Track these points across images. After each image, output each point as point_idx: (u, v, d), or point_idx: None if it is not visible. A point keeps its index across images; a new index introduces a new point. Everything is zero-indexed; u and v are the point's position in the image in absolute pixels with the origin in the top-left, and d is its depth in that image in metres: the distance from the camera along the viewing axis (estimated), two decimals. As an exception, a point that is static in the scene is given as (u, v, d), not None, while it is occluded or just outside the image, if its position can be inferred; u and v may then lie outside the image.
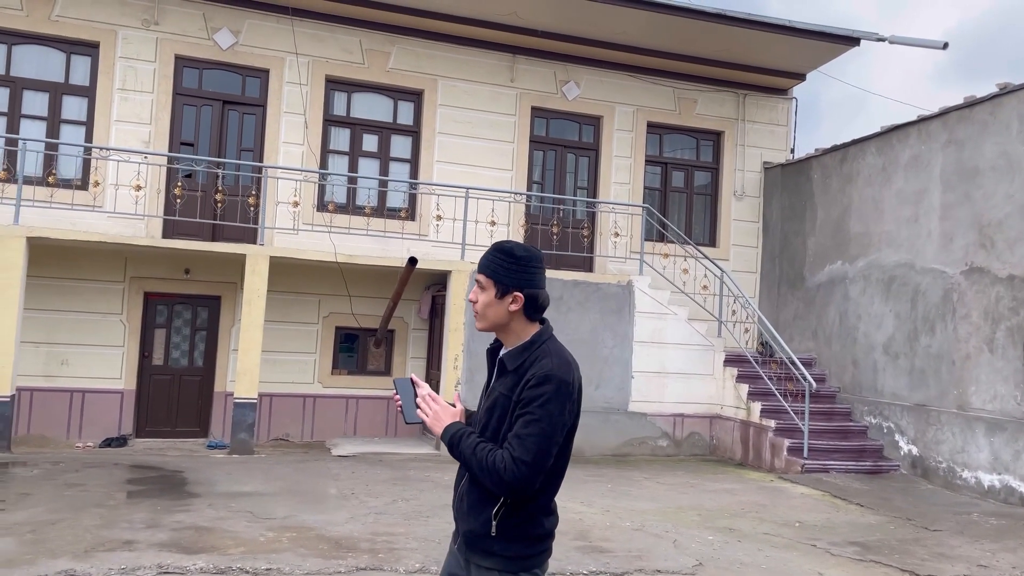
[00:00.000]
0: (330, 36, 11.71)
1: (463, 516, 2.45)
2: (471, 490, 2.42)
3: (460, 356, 10.89)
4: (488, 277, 2.44)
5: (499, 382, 2.45)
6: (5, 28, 10.49)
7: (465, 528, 2.43)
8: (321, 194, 11.68)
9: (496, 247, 2.47)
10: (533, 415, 2.29)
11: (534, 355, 2.40)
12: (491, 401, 2.44)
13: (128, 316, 10.83)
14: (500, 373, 2.46)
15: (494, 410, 2.41)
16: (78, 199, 10.38)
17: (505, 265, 2.42)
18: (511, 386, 2.38)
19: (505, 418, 2.36)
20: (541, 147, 13.07)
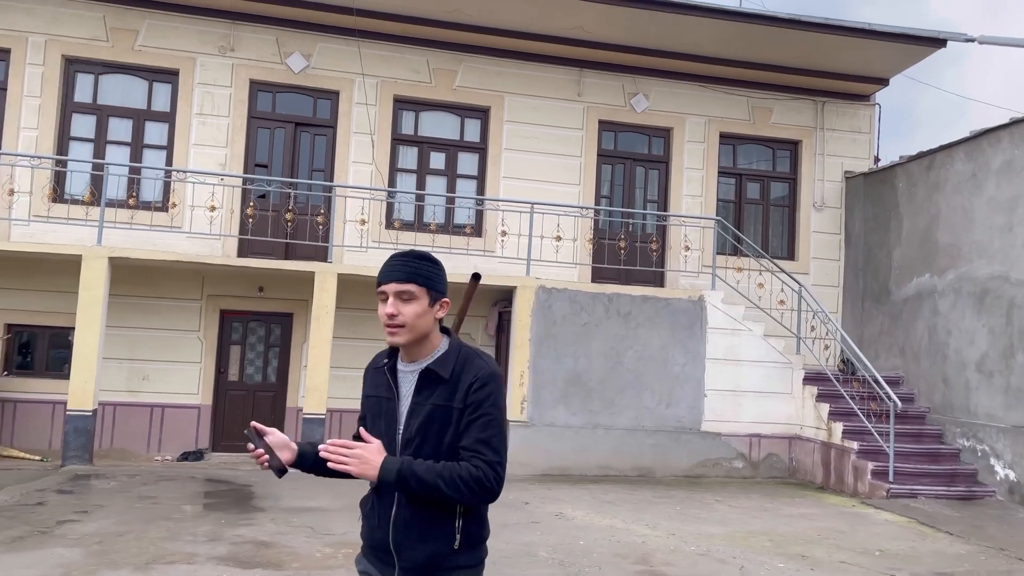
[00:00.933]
0: (398, 57, 11.88)
1: (415, 544, 2.30)
2: (419, 514, 2.29)
3: (526, 373, 10.76)
4: (420, 286, 2.32)
5: (427, 394, 2.33)
6: (93, 59, 11.04)
7: (424, 554, 2.30)
8: (389, 212, 11.80)
9: (416, 255, 2.37)
10: (490, 415, 2.28)
11: (462, 359, 2.35)
12: (424, 415, 2.31)
13: (205, 333, 11.16)
14: (427, 385, 2.34)
15: (431, 423, 2.30)
16: (157, 220, 10.80)
17: (436, 272, 2.37)
18: (448, 395, 2.30)
19: (447, 428, 2.29)
20: (609, 161, 12.88)
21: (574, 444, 10.91)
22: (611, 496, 9.32)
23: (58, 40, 10.89)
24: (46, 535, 6.51)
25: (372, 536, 2.39)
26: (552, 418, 10.89)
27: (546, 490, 9.53)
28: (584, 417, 10.97)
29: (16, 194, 10.41)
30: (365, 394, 2.47)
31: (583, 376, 11.01)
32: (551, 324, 10.95)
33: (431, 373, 2.35)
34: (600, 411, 11.04)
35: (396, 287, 2.32)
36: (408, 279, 2.32)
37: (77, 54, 10.98)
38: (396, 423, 2.36)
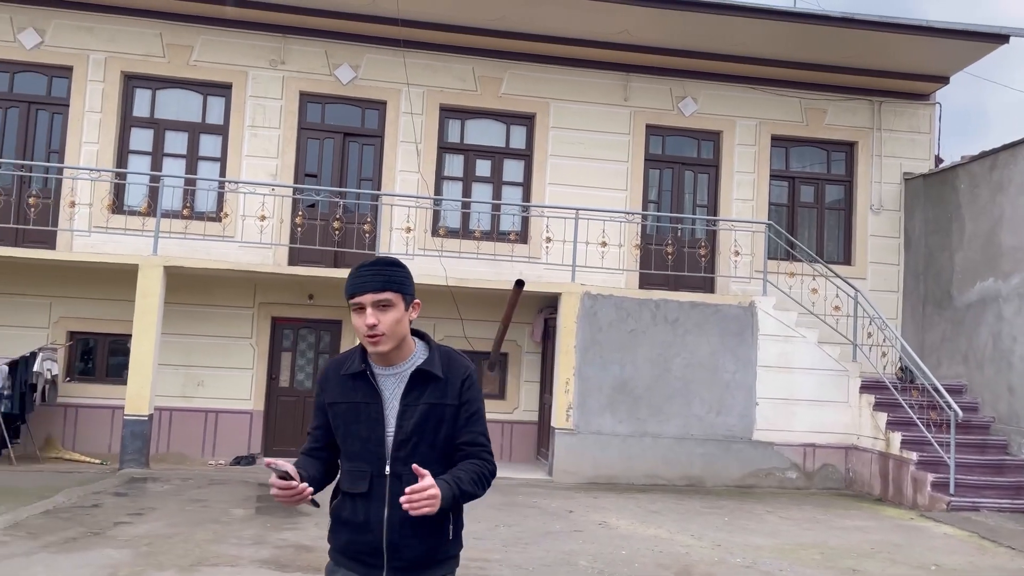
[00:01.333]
0: (443, 66, 11.96)
1: (412, 542, 2.32)
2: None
3: (571, 380, 10.69)
4: (395, 292, 2.32)
5: (418, 394, 2.35)
6: (150, 74, 11.41)
7: (422, 550, 2.33)
8: (435, 219, 11.87)
9: (385, 262, 2.37)
10: (480, 410, 2.42)
11: (446, 358, 2.42)
12: (419, 415, 2.34)
13: (257, 340, 11.39)
14: (417, 385, 2.35)
15: (426, 422, 2.34)
16: (211, 230, 11.07)
17: (406, 276, 2.38)
18: (441, 393, 2.36)
19: (442, 425, 2.35)
20: (657, 165, 12.74)
21: (621, 452, 10.78)
22: (657, 505, 9.17)
23: (117, 57, 11.29)
24: (98, 536, 6.70)
25: (357, 540, 2.36)
26: (598, 426, 10.78)
27: (591, 499, 9.43)
28: (631, 425, 10.83)
29: (77, 206, 10.82)
30: (329, 401, 2.42)
31: (630, 383, 10.88)
32: (597, 331, 10.85)
33: (424, 373, 2.36)
34: (648, 419, 10.89)
35: (373, 297, 2.30)
36: (384, 287, 2.31)
37: (135, 70, 11.36)
38: (383, 425, 2.35)
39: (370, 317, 2.29)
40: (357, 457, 2.36)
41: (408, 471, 2.27)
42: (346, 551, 2.40)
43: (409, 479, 2.24)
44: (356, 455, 2.36)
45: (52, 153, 11.22)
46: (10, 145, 11.12)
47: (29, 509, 7.49)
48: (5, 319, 10.81)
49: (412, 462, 2.27)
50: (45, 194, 10.98)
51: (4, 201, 10.76)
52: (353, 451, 2.37)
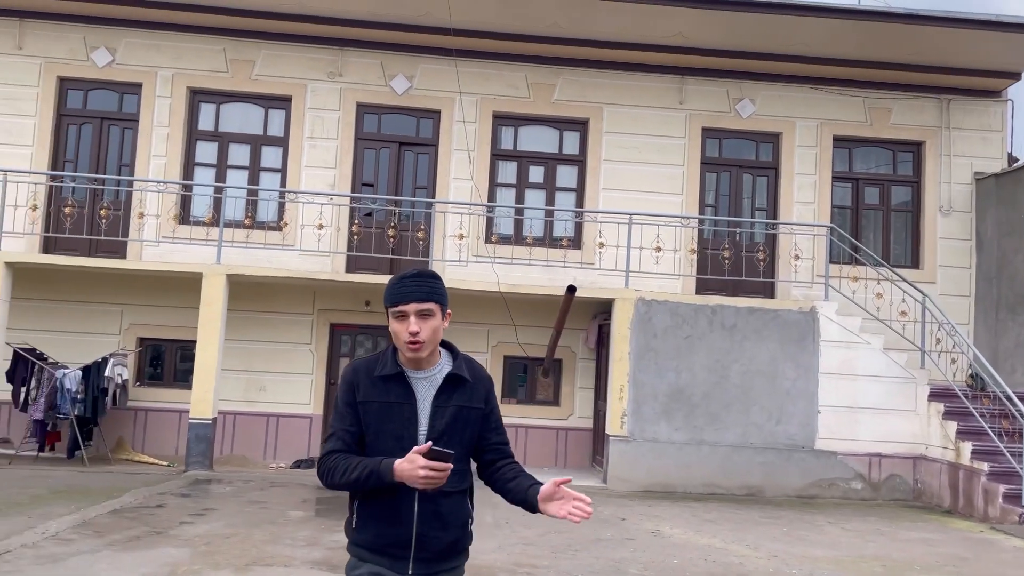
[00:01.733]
0: (496, 74, 12.05)
1: (439, 533, 2.44)
2: (443, 504, 2.44)
3: (626, 387, 10.59)
4: (436, 303, 2.45)
5: (447, 397, 2.49)
6: (214, 89, 11.81)
7: (447, 541, 2.47)
8: (488, 226, 11.94)
9: (428, 275, 2.48)
10: (500, 415, 2.65)
11: (470, 364, 2.58)
12: (450, 415, 2.48)
13: (316, 346, 11.63)
14: (448, 388, 2.49)
15: (456, 422, 2.48)
16: (271, 239, 11.38)
17: (444, 289, 2.51)
18: (468, 397, 2.51)
19: (469, 426, 2.51)
20: (714, 169, 12.56)
21: (677, 460, 10.62)
22: (713, 515, 9.00)
23: (184, 73, 11.71)
24: (160, 535, 6.93)
25: (388, 534, 2.43)
26: (654, 433, 10.65)
27: (646, 507, 9.32)
28: (688, 433, 10.67)
29: (146, 217, 11.25)
30: (360, 400, 2.48)
31: (686, 390, 10.72)
32: (651, 337, 10.74)
33: (455, 378, 2.51)
34: (705, 427, 10.71)
35: (417, 306, 2.42)
36: (427, 298, 2.43)
37: (200, 85, 11.76)
38: (415, 424, 2.47)
39: (413, 325, 2.41)
40: (389, 453, 2.39)
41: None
42: (374, 545, 2.45)
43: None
44: (388, 452, 2.40)
45: (123, 166, 11.70)
46: (84, 159, 11.64)
47: (97, 508, 7.80)
48: (79, 326, 11.30)
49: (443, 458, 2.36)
50: (116, 206, 11.45)
51: (78, 213, 11.26)
52: (385, 448, 2.42)
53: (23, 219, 11.10)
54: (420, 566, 2.43)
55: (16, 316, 10.78)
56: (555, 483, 2.41)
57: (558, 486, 2.40)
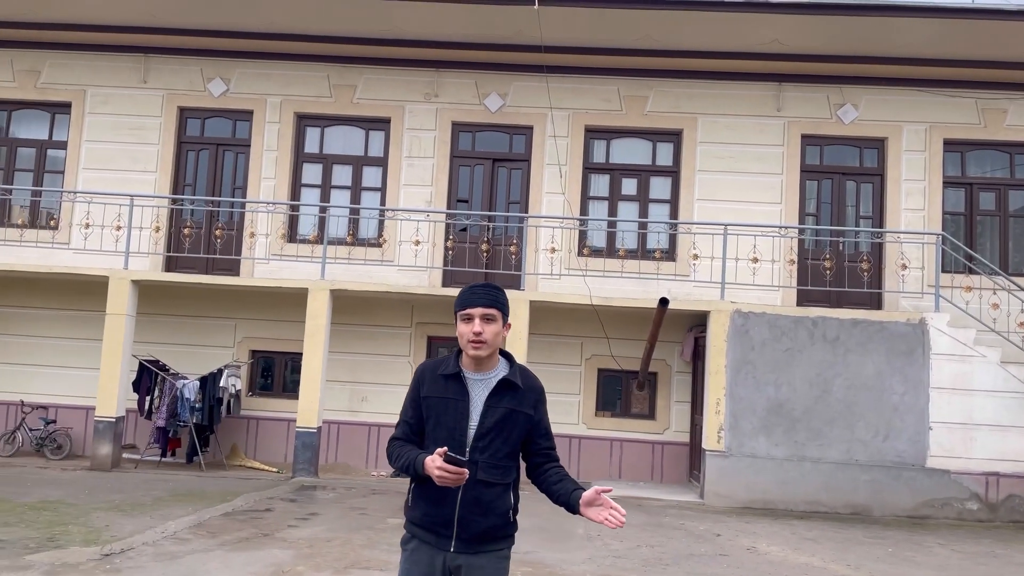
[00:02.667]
0: (588, 88, 12.14)
1: (477, 518, 2.75)
2: (484, 494, 2.75)
3: (722, 400, 10.41)
4: (499, 310, 2.79)
5: (499, 398, 2.80)
6: (319, 113, 12.40)
7: (484, 526, 2.77)
8: (581, 239, 12.02)
9: (494, 286, 2.84)
10: (548, 418, 2.93)
11: (524, 373, 2.89)
12: (500, 415, 2.79)
13: (414, 358, 11.98)
14: (501, 391, 2.81)
15: (505, 421, 2.79)
16: (371, 255, 11.84)
17: (507, 300, 2.86)
18: (518, 401, 2.81)
19: (516, 427, 2.80)
20: (815, 176, 12.21)
21: (777, 477, 10.35)
22: (814, 533, 8.73)
23: (291, 99, 12.37)
24: (267, 537, 7.33)
25: (433, 513, 2.78)
26: (752, 448, 10.42)
27: (743, 523, 9.13)
28: (788, 448, 10.38)
29: (256, 236, 11.92)
30: (424, 395, 2.84)
31: (786, 405, 10.44)
32: (748, 350, 10.52)
33: (508, 382, 2.82)
34: (806, 443, 10.39)
35: (482, 311, 2.77)
36: (491, 304, 2.78)
37: (306, 110, 12.38)
38: (467, 419, 2.80)
39: (477, 326, 2.75)
40: (443, 442, 2.72)
41: (484, 458, 2.76)
42: (423, 522, 2.81)
43: (484, 466, 2.75)
44: (442, 441, 2.73)
45: (236, 189, 12.44)
46: (201, 183, 12.44)
47: (211, 511, 8.31)
48: (197, 339, 12.06)
49: (488, 452, 2.76)
50: (230, 226, 12.19)
51: (196, 233, 12.05)
52: (440, 438, 2.77)
53: (148, 240, 11.98)
54: (461, 544, 2.76)
55: (141, 330, 11.62)
56: (597, 491, 2.70)
57: (599, 494, 2.69)
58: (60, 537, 6.95)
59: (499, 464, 2.77)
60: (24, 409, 11.82)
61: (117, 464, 10.93)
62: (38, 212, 12.52)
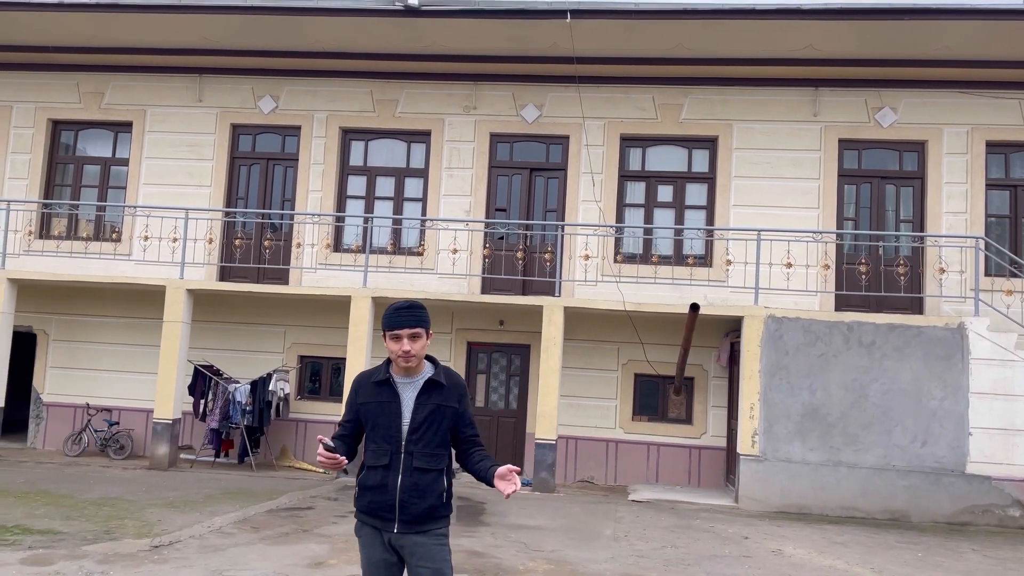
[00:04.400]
0: (623, 97, 12.34)
1: (416, 500, 3.18)
2: (420, 480, 3.18)
3: (756, 405, 10.47)
4: (423, 328, 3.24)
5: (427, 397, 3.26)
6: (363, 128, 12.88)
7: (423, 507, 3.19)
8: (616, 246, 12.20)
9: (416, 305, 3.23)
10: (471, 414, 3.39)
11: (447, 373, 3.36)
12: (428, 411, 3.25)
13: (454, 363, 12.31)
14: (429, 390, 3.27)
15: (434, 416, 3.24)
16: (411, 263, 12.24)
17: (428, 315, 3.26)
18: (444, 398, 3.27)
19: (445, 420, 3.25)
20: (852, 181, 12.17)
21: (813, 482, 10.35)
22: (845, 537, 8.74)
23: (336, 115, 12.87)
24: (307, 533, 7.73)
25: (376, 500, 3.22)
26: (787, 453, 10.45)
27: (774, 527, 9.19)
28: (823, 453, 10.38)
29: (303, 246, 12.45)
30: (361, 401, 3.31)
31: (821, 410, 10.45)
32: (783, 355, 10.56)
33: (434, 382, 3.28)
34: (842, 447, 10.38)
35: (409, 331, 3.21)
36: (417, 324, 3.22)
37: (351, 125, 12.87)
38: (400, 417, 3.25)
39: (406, 345, 3.20)
40: (381, 440, 3.23)
41: (419, 449, 3.19)
42: (368, 509, 3.26)
43: (419, 455, 3.19)
44: (380, 439, 3.23)
45: (285, 201, 12.99)
46: (253, 196, 13.03)
47: (256, 507, 8.77)
48: (248, 345, 12.63)
49: (422, 443, 3.20)
50: (278, 237, 12.75)
51: (247, 244, 12.64)
52: (378, 436, 3.24)
53: (202, 251, 12.61)
54: (403, 526, 3.19)
55: (196, 336, 12.25)
56: (509, 468, 3.12)
57: (510, 471, 3.11)
58: (116, 530, 7.47)
59: (432, 453, 3.21)
60: (90, 411, 12.55)
61: (174, 464, 11.54)
62: (102, 226, 13.29)
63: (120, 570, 6.10)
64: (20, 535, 7.09)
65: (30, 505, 8.42)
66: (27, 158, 13.28)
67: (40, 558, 6.35)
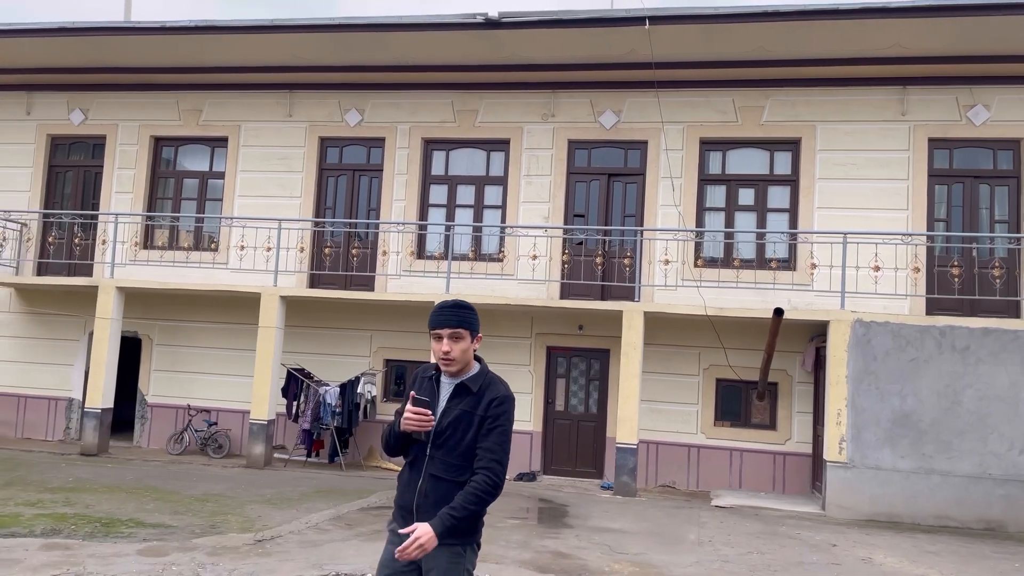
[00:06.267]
0: (702, 101, 12.30)
1: (430, 508, 3.00)
2: (436, 488, 3.03)
3: (843, 411, 10.30)
4: (466, 329, 3.06)
5: (458, 401, 3.08)
6: (444, 137, 13.19)
7: (434, 514, 2.97)
8: (697, 250, 12.17)
9: (461, 305, 3.09)
10: (502, 427, 3.05)
11: (487, 381, 3.12)
12: (454, 416, 3.06)
13: (534, 367, 12.51)
14: (459, 395, 3.09)
15: (458, 422, 3.04)
16: (492, 269, 12.50)
17: (474, 317, 3.10)
18: (474, 404, 3.06)
19: (470, 429, 3.03)
20: (944, 181, 11.82)
21: (903, 490, 10.11)
22: (938, 547, 8.53)
23: (419, 126, 13.25)
24: (397, 530, 8.01)
25: (403, 497, 3.13)
26: (876, 460, 10.23)
27: (863, 535, 9.04)
28: (915, 461, 10.13)
29: (388, 254, 12.85)
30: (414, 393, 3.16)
31: (912, 416, 10.20)
32: (871, 360, 10.35)
33: (463, 387, 3.10)
34: (935, 455, 10.10)
35: (449, 331, 3.05)
36: (458, 324, 3.05)
37: (432, 135, 13.22)
38: (434, 415, 3.09)
39: (445, 345, 3.04)
40: (416, 437, 3.09)
41: (439, 455, 3.03)
42: (396, 505, 3.19)
43: (438, 462, 3.02)
44: (416, 436, 3.10)
45: (371, 210, 13.43)
46: (340, 206, 13.51)
47: (349, 505, 9.14)
48: (336, 349, 13.11)
49: (444, 449, 3.02)
50: (365, 245, 13.20)
51: (335, 253, 13.13)
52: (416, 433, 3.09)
53: (294, 259, 13.16)
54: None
55: (288, 341, 12.79)
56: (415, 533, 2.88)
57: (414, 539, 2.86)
58: (220, 525, 7.92)
59: (452, 463, 3.01)
60: (190, 412, 13.25)
61: (269, 463, 12.07)
62: (201, 236, 14.01)
63: (228, 562, 6.49)
64: (134, 528, 7.61)
65: (140, 500, 8.99)
66: (132, 173, 14.12)
67: (155, 550, 6.81)
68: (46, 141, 14.49)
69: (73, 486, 9.66)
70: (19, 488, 9.37)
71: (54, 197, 14.51)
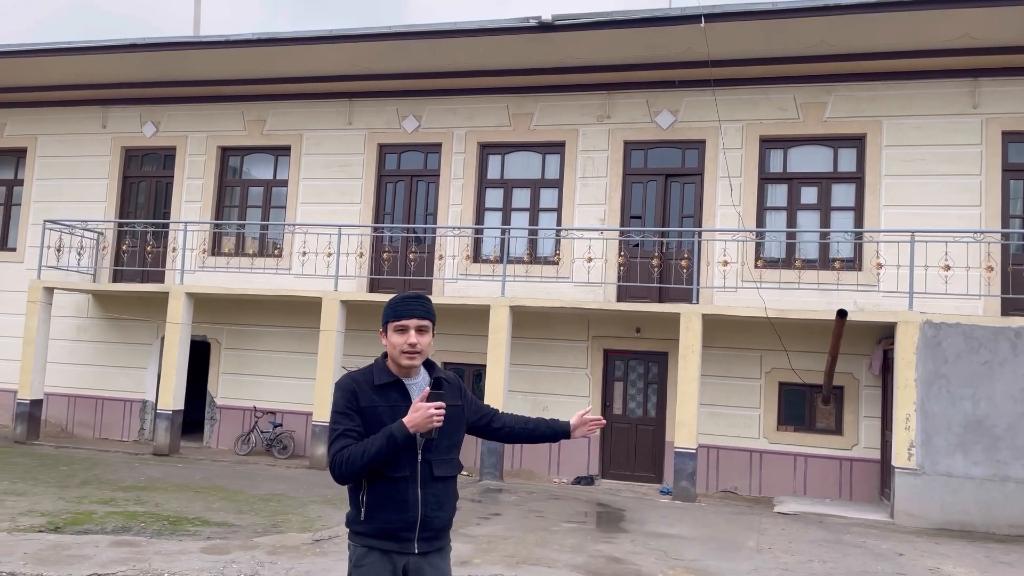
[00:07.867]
0: (762, 98, 12.06)
1: (439, 513, 2.88)
2: (441, 489, 2.89)
3: (912, 416, 9.94)
4: (430, 321, 2.92)
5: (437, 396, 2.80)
6: (500, 142, 13.23)
7: (444, 520, 2.92)
8: (757, 251, 11.92)
9: (423, 297, 2.95)
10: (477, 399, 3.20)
11: (442, 370, 3.06)
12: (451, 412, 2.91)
13: (591, 370, 12.45)
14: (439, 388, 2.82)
15: (451, 419, 2.89)
16: (547, 272, 12.48)
17: (434, 310, 2.96)
18: (455, 397, 2.98)
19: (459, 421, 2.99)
20: (1020, 176, 11.31)
21: (977, 497, 9.70)
22: (1012, 557, 8.15)
23: (474, 130, 13.34)
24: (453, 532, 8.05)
25: (395, 519, 2.80)
26: (948, 467, 9.84)
27: (932, 544, 8.70)
28: (989, 468, 9.70)
29: (444, 258, 12.97)
30: (363, 406, 2.84)
31: (985, 421, 9.77)
32: (941, 363, 9.97)
33: (443, 381, 2.90)
34: (1011, 462, 9.66)
35: (417, 322, 2.88)
36: (425, 316, 2.90)
37: (488, 140, 13.30)
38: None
39: (412, 337, 2.85)
40: (425, 437, 2.80)
41: (435, 457, 2.85)
42: (382, 532, 2.80)
43: (437, 463, 2.86)
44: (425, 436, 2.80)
45: (428, 215, 13.59)
46: (398, 211, 13.71)
47: (406, 506, 9.23)
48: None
49: (439, 450, 2.86)
50: (422, 249, 13.35)
51: (394, 257, 13.31)
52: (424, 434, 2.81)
53: (354, 264, 13.40)
54: (423, 544, 2.82)
55: (349, 344, 13.01)
56: (580, 415, 3.13)
57: (583, 416, 3.13)
58: (281, 524, 8.12)
59: (449, 459, 2.91)
60: (256, 414, 13.62)
61: (330, 464, 12.30)
62: (266, 242, 14.39)
63: (287, 561, 6.65)
64: (200, 526, 7.86)
65: (207, 499, 9.28)
66: (200, 182, 14.60)
67: (218, 547, 7.02)
68: (120, 153, 15.12)
69: (144, 485, 10.03)
70: (94, 487, 9.78)
71: (128, 207, 15.12)
